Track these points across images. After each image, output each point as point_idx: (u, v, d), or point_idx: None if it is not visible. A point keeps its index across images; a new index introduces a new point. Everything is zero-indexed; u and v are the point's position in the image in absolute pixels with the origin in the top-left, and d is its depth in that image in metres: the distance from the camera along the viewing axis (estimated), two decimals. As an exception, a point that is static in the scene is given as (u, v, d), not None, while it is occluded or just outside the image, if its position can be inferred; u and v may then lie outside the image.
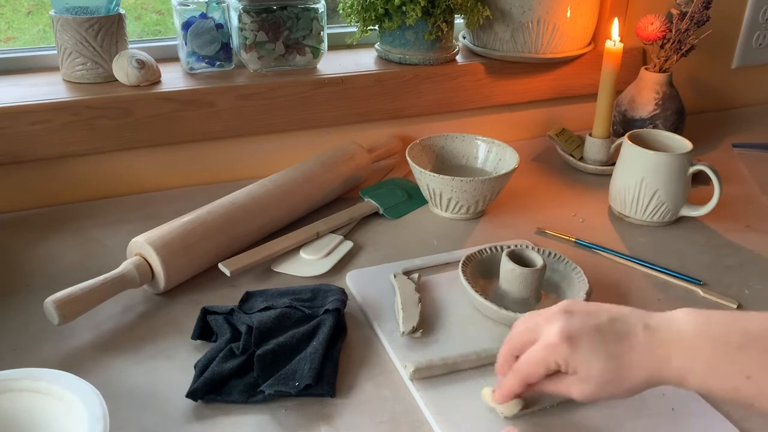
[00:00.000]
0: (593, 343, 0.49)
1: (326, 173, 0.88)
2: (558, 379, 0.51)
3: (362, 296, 0.71)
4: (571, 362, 0.49)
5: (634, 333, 0.49)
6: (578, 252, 0.82)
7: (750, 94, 1.33)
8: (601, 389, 0.49)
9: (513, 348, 0.53)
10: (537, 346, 0.51)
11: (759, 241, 0.85)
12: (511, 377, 0.53)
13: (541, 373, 0.51)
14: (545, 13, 1.00)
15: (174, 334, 0.66)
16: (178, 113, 0.89)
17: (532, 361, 0.51)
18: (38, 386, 0.49)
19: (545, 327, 0.51)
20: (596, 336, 0.49)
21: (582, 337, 0.49)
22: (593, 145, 1.02)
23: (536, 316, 0.53)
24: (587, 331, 0.49)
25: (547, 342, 0.50)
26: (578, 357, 0.49)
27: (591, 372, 0.49)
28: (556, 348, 0.49)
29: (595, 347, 0.48)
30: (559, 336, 0.49)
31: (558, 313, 0.51)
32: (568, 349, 0.49)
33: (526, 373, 0.51)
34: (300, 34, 0.95)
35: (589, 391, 0.49)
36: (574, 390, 0.50)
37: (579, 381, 0.49)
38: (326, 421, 0.56)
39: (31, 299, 0.69)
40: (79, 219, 0.85)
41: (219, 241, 0.75)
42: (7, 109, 0.82)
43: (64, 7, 0.86)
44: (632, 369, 0.48)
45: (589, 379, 0.49)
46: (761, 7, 1.22)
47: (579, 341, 0.49)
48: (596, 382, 0.49)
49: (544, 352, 0.50)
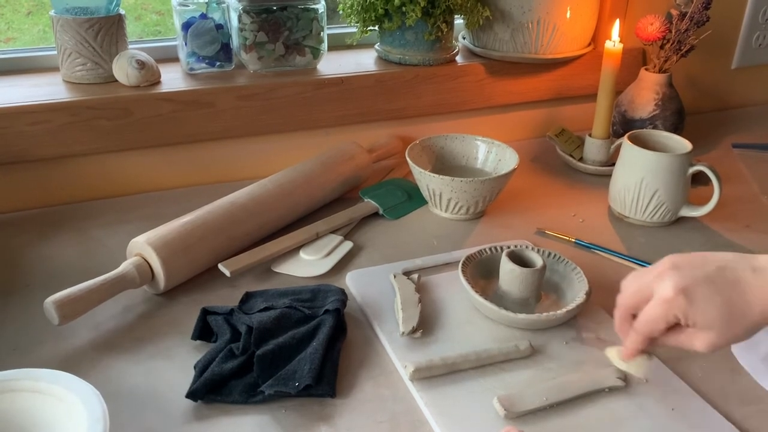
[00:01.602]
0: (708, 293, 0.50)
1: (326, 173, 0.88)
2: (679, 331, 0.53)
3: (362, 296, 0.71)
4: (690, 314, 0.51)
5: (743, 277, 0.51)
6: (578, 252, 0.82)
7: (750, 94, 1.33)
8: (723, 335, 0.51)
9: (628, 307, 0.55)
10: (654, 303, 0.53)
11: (759, 241, 0.85)
12: (633, 335, 0.55)
13: (662, 328, 0.53)
14: (545, 14, 1.00)
15: (174, 334, 0.66)
16: (178, 113, 0.89)
17: (651, 318, 0.53)
18: (38, 386, 0.49)
19: (658, 284, 0.52)
20: (709, 286, 0.51)
21: (696, 288, 0.51)
22: (593, 145, 1.02)
23: (644, 275, 0.54)
24: (700, 282, 0.51)
25: (663, 297, 0.52)
26: (696, 308, 0.51)
27: (711, 320, 0.50)
28: (673, 302, 0.51)
29: (711, 296, 0.50)
30: (674, 290, 0.51)
31: (667, 270, 0.53)
32: (686, 302, 0.51)
33: (649, 330, 0.53)
34: (300, 34, 0.95)
35: (713, 338, 0.51)
36: (697, 341, 0.52)
37: (700, 331, 0.51)
38: (326, 421, 0.57)
39: (31, 299, 0.69)
40: (79, 219, 0.85)
41: (219, 242, 0.75)
42: (7, 110, 0.82)
43: (64, 7, 0.86)
44: (749, 309, 0.50)
45: (711, 328, 0.51)
46: (761, 7, 1.23)
47: (694, 293, 0.51)
48: (718, 329, 0.51)
49: (662, 308, 0.52)
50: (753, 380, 0.62)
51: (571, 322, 0.68)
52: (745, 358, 0.64)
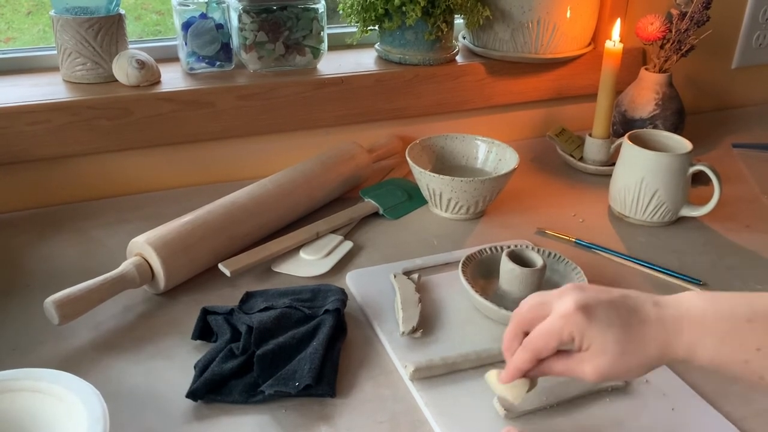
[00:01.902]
0: (608, 315, 0.49)
1: (326, 173, 0.88)
2: (568, 357, 0.50)
3: (362, 296, 0.71)
4: (586, 333, 0.48)
5: (644, 308, 0.49)
6: (578, 252, 0.82)
7: (750, 94, 1.33)
8: (616, 363, 0.48)
9: (522, 323, 0.52)
10: (551, 318, 0.50)
11: (759, 241, 0.85)
12: (521, 352, 0.51)
13: (553, 346, 0.50)
14: (545, 14, 1.00)
15: (174, 334, 0.66)
16: (178, 113, 0.89)
17: (545, 333, 0.50)
18: (38, 386, 0.49)
19: (558, 301, 0.50)
20: (610, 308, 0.49)
21: (597, 308, 0.49)
22: (593, 145, 1.02)
23: (546, 294, 0.52)
24: (601, 302, 0.49)
25: (562, 312, 0.49)
26: (594, 327, 0.48)
27: (606, 343, 0.48)
28: (572, 317, 0.48)
29: (610, 319, 0.48)
30: (575, 306, 0.49)
31: (570, 289, 0.51)
32: (585, 319, 0.48)
33: (539, 346, 0.50)
34: (300, 34, 0.95)
35: (604, 365, 0.48)
36: (587, 366, 0.49)
37: (593, 355, 0.49)
38: (326, 421, 0.56)
39: (31, 299, 0.69)
40: (79, 219, 0.85)
41: (219, 241, 0.75)
42: (7, 109, 0.82)
43: (64, 7, 0.86)
44: (645, 342, 0.48)
45: (604, 352, 0.48)
46: (761, 7, 1.23)
47: (595, 312, 0.49)
48: (611, 355, 0.48)
49: (559, 323, 0.49)
50: (753, 380, 0.62)
51: (571, 322, 0.68)
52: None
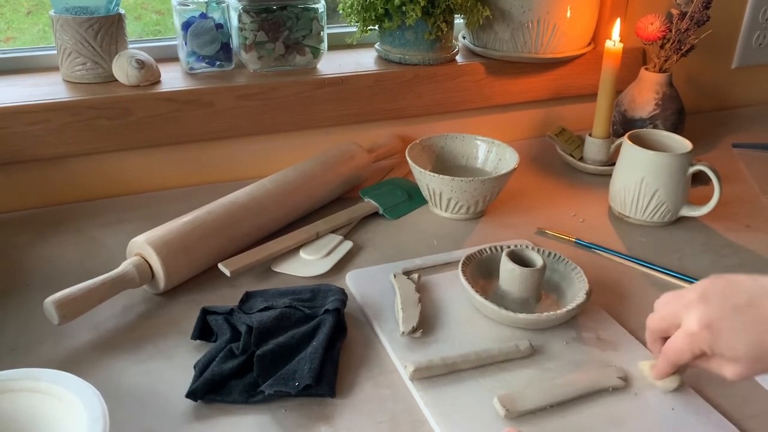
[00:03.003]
0: (734, 328, 0.50)
1: (326, 173, 0.88)
2: (708, 358, 0.53)
3: (362, 296, 0.71)
4: (716, 348, 0.51)
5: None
6: (578, 252, 0.82)
7: (750, 94, 1.33)
8: (751, 368, 0.50)
9: (656, 331, 0.56)
10: (680, 334, 0.53)
11: (759, 241, 0.85)
12: (662, 360, 0.56)
13: (687, 359, 0.53)
14: (545, 13, 1.00)
15: (174, 334, 0.66)
16: (178, 113, 0.89)
17: (677, 349, 0.53)
18: (38, 386, 0.49)
19: (685, 315, 0.52)
20: (736, 320, 0.50)
21: (722, 323, 0.50)
22: (593, 145, 1.02)
23: (675, 301, 0.54)
24: (727, 316, 0.50)
25: (688, 331, 0.52)
26: (721, 343, 0.50)
27: (737, 353, 0.50)
28: (698, 337, 0.51)
29: (737, 332, 0.50)
30: (699, 325, 0.51)
31: (695, 302, 0.52)
32: (710, 337, 0.51)
33: (675, 358, 0.54)
34: (300, 34, 0.95)
35: (741, 370, 0.51)
36: (726, 371, 0.51)
37: (728, 362, 0.51)
38: (326, 421, 0.56)
39: (31, 299, 0.69)
40: (79, 219, 0.85)
41: (219, 241, 0.75)
42: (7, 109, 0.82)
43: (63, 7, 0.86)
44: None
45: (737, 360, 0.50)
46: (761, 7, 1.22)
47: (719, 328, 0.50)
48: (744, 363, 0.50)
49: (687, 341, 0.52)
50: (753, 380, 0.62)
51: (571, 322, 0.68)
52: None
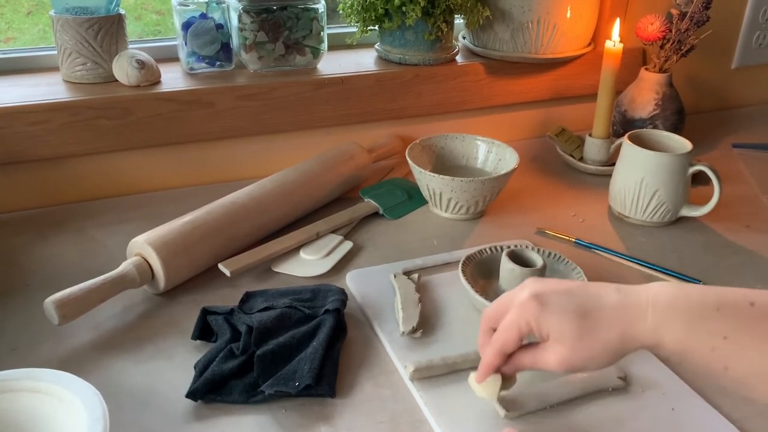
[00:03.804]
0: (562, 302, 0.49)
1: (326, 173, 0.88)
2: (534, 349, 0.51)
3: (362, 296, 0.71)
4: (541, 320, 0.49)
5: (605, 294, 0.49)
6: (578, 252, 0.82)
7: (750, 94, 1.33)
8: (575, 350, 0.48)
9: (489, 320, 0.54)
10: (510, 311, 0.51)
11: (759, 241, 0.85)
12: (488, 348, 0.53)
13: (515, 337, 0.51)
14: (545, 13, 1.00)
15: (174, 334, 0.66)
16: (178, 113, 0.89)
17: (505, 326, 0.51)
18: (38, 386, 0.49)
19: (517, 294, 0.51)
20: (566, 296, 0.49)
21: (551, 296, 0.49)
22: (593, 145, 1.02)
23: (510, 291, 0.53)
24: (558, 292, 0.50)
25: (517, 302, 0.50)
26: (548, 314, 0.49)
27: (562, 330, 0.48)
28: (526, 306, 0.50)
29: (565, 305, 0.49)
30: (529, 295, 0.50)
31: (529, 282, 0.52)
32: (538, 307, 0.49)
33: (502, 341, 0.51)
34: (300, 34, 0.95)
35: (565, 353, 0.49)
36: (550, 357, 0.49)
37: (553, 344, 0.49)
38: (326, 421, 0.56)
39: (31, 299, 0.69)
40: (79, 219, 0.85)
41: (219, 241, 0.75)
42: (7, 109, 0.82)
43: (64, 7, 0.86)
44: (603, 327, 0.48)
45: (562, 339, 0.48)
46: (761, 7, 1.23)
47: (549, 300, 0.49)
48: (569, 341, 0.48)
49: (515, 313, 0.50)
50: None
51: (571, 322, 0.68)
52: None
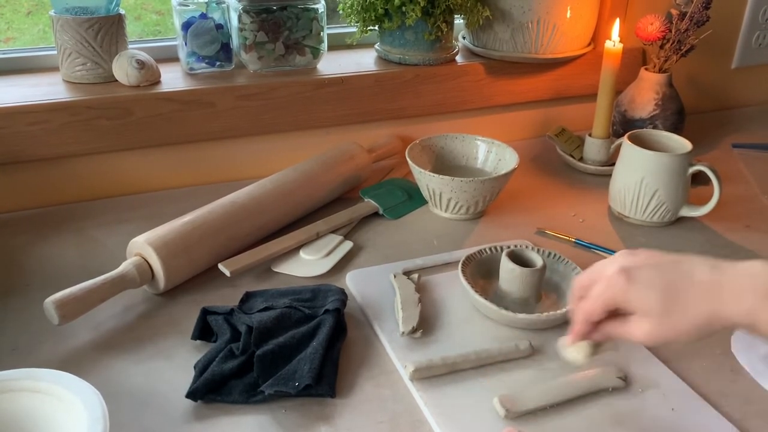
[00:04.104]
0: (650, 277, 0.48)
1: (326, 173, 0.88)
2: (623, 320, 0.51)
3: (362, 296, 0.71)
4: (629, 295, 0.48)
5: (699, 271, 0.48)
6: (578, 252, 0.82)
7: (750, 94, 1.33)
8: (661, 325, 0.48)
9: (579, 288, 0.53)
10: (598, 283, 0.51)
11: (759, 241, 0.85)
12: (576, 317, 0.53)
13: (599, 309, 0.50)
14: (545, 14, 1.00)
15: (174, 334, 0.66)
16: (178, 113, 0.89)
17: (592, 297, 0.51)
18: (38, 386, 0.49)
19: (608, 266, 0.51)
20: (655, 271, 0.48)
21: (640, 271, 0.49)
22: (593, 145, 1.02)
23: (603, 261, 0.53)
24: (647, 266, 0.49)
25: (605, 276, 0.50)
26: (635, 290, 0.48)
27: (648, 305, 0.48)
28: (613, 281, 0.49)
29: (653, 281, 0.48)
30: (617, 270, 0.49)
31: (620, 254, 0.51)
32: (625, 283, 0.48)
33: (589, 311, 0.51)
34: (300, 34, 0.95)
35: (650, 327, 0.48)
36: (636, 330, 0.49)
37: (639, 319, 0.49)
38: (326, 421, 0.57)
39: (31, 299, 0.69)
40: (79, 219, 0.85)
41: (219, 241, 0.75)
42: (7, 109, 0.82)
43: (64, 7, 0.86)
44: (694, 302, 0.46)
45: (648, 313, 0.48)
46: (761, 7, 1.23)
47: (637, 275, 0.48)
48: (655, 317, 0.47)
49: (602, 287, 0.50)
50: (753, 380, 0.62)
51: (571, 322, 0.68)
52: (744, 358, 0.64)
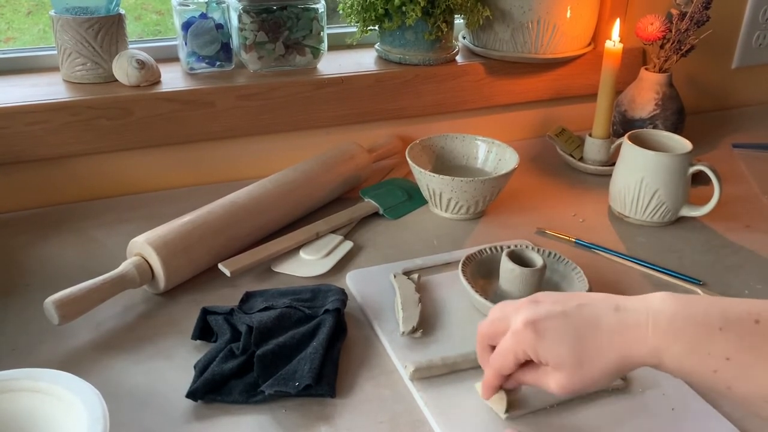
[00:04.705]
0: (558, 330, 0.48)
1: (326, 173, 0.88)
2: (535, 369, 0.51)
3: (362, 296, 0.71)
4: (539, 350, 0.48)
5: (603, 315, 0.47)
6: (578, 252, 0.82)
7: (750, 94, 1.33)
8: (574, 377, 0.48)
9: (485, 337, 0.53)
10: (506, 337, 0.50)
11: (759, 241, 0.85)
12: (487, 370, 0.53)
13: (510, 364, 0.50)
14: (545, 14, 1.00)
15: (174, 334, 0.66)
16: (178, 113, 0.89)
17: (501, 352, 0.51)
18: (38, 386, 0.49)
19: (513, 316, 0.50)
20: (562, 321, 0.48)
21: (547, 323, 0.48)
22: (593, 145, 1.02)
23: (507, 306, 0.52)
24: (553, 317, 0.48)
25: (513, 330, 0.50)
26: (545, 344, 0.48)
27: (560, 359, 0.48)
28: (520, 336, 0.49)
29: (561, 333, 0.48)
30: (524, 324, 0.49)
31: (526, 303, 0.51)
32: (534, 337, 0.48)
33: (499, 365, 0.51)
34: (300, 34, 0.95)
35: (564, 380, 0.48)
36: (550, 381, 0.49)
37: (553, 370, 0.49)
38: (326, 421, 0.56)
39: (31, 299, 0.69)
40: (79, 219, 0.85)
41: (219, 241, 0.75)
42: (7, 109, 0.82)
43: (64, 7, 0.86)
44: (602, 350, 0.47)
45: (561, 367, 0.48)
46: (761, 7, 1.23)
47: (544, 328, 0.48)
48: (568, 369, 0.47)
49: (510, 342, 0.50)
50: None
51: (571, 322, 0.68)
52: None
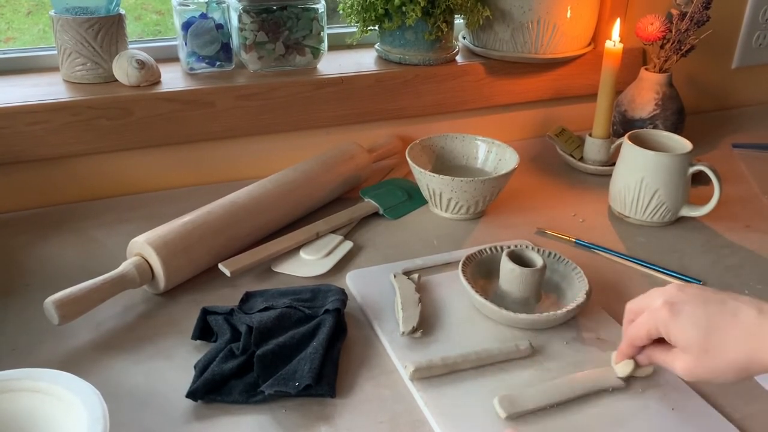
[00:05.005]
0: (695, 313, 0.49)
1: (326, 173, 0.88)
2: (667, 350, 0.52)
3: (362, 296, 0.71)
4: (671, 329, 0.50)
5: (744, 313, 0.48)
6: (578, 252, 0.82)
7: (750, 94, 1.33)
8: (700, 362, 0.49)
9: (630, 312, 0.56)
10: (645, 312, 0.53)
11: (759, 241, 0.85)
12: (623, 339, 0.57)
13: (642, 336, 0.53)
14: (545, 14, 1.00)
15: (174, 334, 0.66)
16: (178, 113, 0.89)
17: (636, 325, 0.54)
18: (38, 386, 0.49)
19: (656, 297, 0.52)
20: (700, 308, 0.49)
21: (684, 306, 0.50)
22: (593, 145, 1.02)
23: (657, 289, 0.54)
24: (692, 302, 0.50)
25: (650, 307, 0.52)
26: (677, 324, 0.50)
27: (688, 341, 0.49)
28: (657, 313, 0.51)
29: (695, 317, 0.49)
30: (663, 303, 0.51)
31: (673, 286, 0.53)
32: (669, 316, 0.50)
33: (633, 335, 0.54)
34: (300, 34, 0.95)
35: (689, 363, 0.49)
36: (677, 363, 0.51)
37: (680, 352, 0.50)
38: (326, 421, 0.57)
39: (31, 299, 0.69)
40: (79, 219, 0.85)
41: (219, 242, 0.75)
42: (7, 109, 0.82)
43: (64, 7, 0.86)
44: (733, 344, 0.47)
45: (688, 350, 0.49)
46: (761, 7, 1.23)
47: (680, 309, 0.50)
48: (694, 353, 0.49)
49: (646, 317, 0.52)
50: (753, 380, 0.62)
51: (571, 322, 0.68)
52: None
